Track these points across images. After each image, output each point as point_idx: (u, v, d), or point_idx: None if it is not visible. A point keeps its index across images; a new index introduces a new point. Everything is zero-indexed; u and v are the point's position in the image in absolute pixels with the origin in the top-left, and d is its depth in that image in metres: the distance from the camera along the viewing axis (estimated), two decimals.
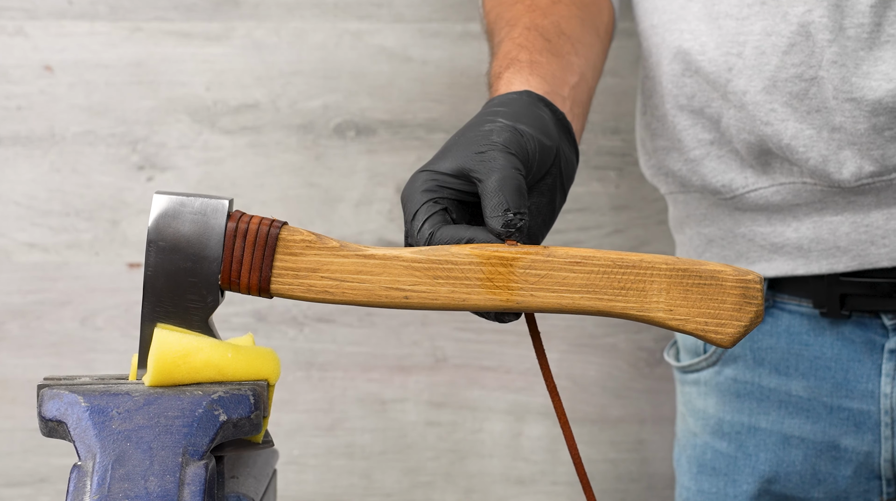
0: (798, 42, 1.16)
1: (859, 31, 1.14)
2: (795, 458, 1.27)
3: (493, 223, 0.93)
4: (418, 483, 1.70)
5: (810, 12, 1.15)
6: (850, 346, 1.24)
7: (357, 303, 0.93)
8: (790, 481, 1.27)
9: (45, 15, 1.64)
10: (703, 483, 1.32)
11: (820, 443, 1.26)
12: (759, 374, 1.29)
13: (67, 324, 1.67)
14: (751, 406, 1.29)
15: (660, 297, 0.92)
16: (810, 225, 1.22)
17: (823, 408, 1.26)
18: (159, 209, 0.92)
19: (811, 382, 1.26)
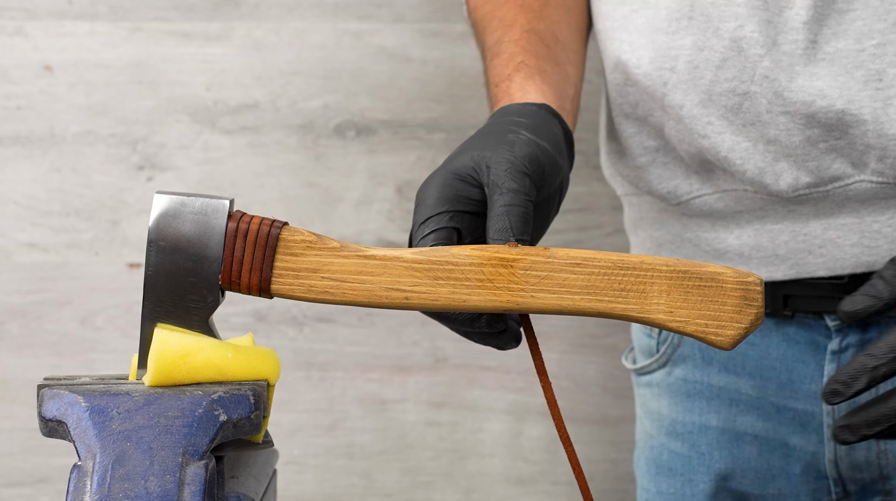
0: (730, 57, 1.17)
1: (794, 47, 1.15)
2: (750, 454, 1.28)
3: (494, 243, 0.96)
4: (418, 483, 1.70)
5: (742, 27, 1.16)
6: (795, 347, 1.25)
7: (357, 304, 0.93)
8: (745, 477, 1.28)
9: (45, 15, 1.64)
10: (662, 483, 1.33)
11: (772, 440, 1.26)
12: (707, 373, 1.29)
13: (67, 324, 1.67)
14: (700, 405, 1.30)
15: (660, 299, 0.92)
16: (751, 233, 1.23)
17: (771, 407, 1.26)
18: (160, 209, 0.92)
19: (758, 381, 1.26)
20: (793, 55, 1.15)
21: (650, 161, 1.26)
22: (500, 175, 0.98)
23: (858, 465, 1.22)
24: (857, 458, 1.22)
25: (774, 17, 1.15)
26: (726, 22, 1.17)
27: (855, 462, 1.22)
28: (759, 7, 1.15)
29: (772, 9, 1.15)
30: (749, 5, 1.16)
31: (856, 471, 1.23)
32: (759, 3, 1.16)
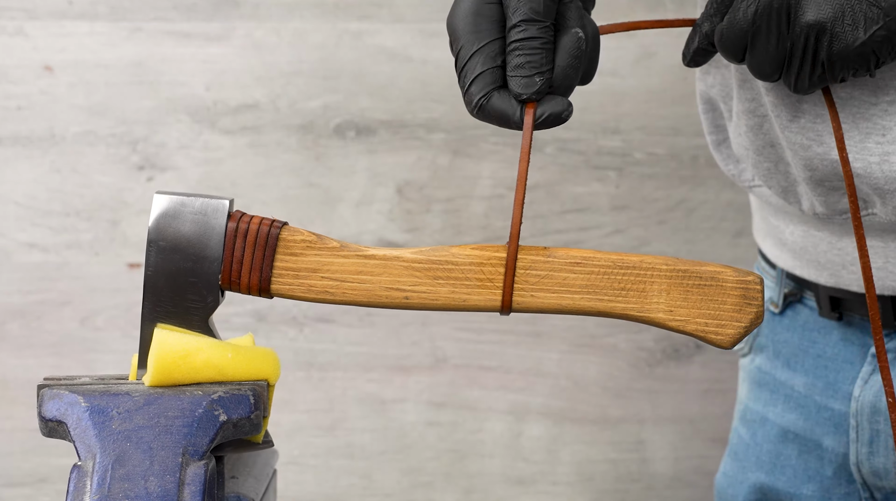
0: (749, 78, 1.15)
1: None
2: (791, 452, 1.28)
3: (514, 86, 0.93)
4: (418, 483, 1.70)
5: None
6: (849, 347, 1.25)
7: (357, 303, 0.93)
8: (784, 475, 1.28)
9: (45, 15, 1.64)
10: (728, 465, 1.34)
11: (809, 441, 1.26)
12: (775, 366, 1.29)
13: (67, 324, 1.67)
14: (765, 397, 1.30)
15: (660, 298, 0.92)
16: (800, 233, 1.23)
17: (814, 406, 1.26)
18: (160, 209, 0.92)
19: (810, 379, 1.26)
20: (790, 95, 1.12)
21: (721, 139, 1.26)
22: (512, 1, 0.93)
23: (877, 472, 1.22)
24: (876, 464, 1.22)
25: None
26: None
27: (874, 467, 1.21)
28: None
29: None
30: None
31: (877, 478, 1.22)
32: None
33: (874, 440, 1.22)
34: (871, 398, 1.21)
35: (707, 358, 1.71)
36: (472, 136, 1.66)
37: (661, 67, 1.65)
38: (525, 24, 0.93)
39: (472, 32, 0.93)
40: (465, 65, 0.94)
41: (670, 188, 1.68)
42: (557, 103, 0.95)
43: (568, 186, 1.67)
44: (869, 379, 1.22)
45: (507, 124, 0.94)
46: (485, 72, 0.94)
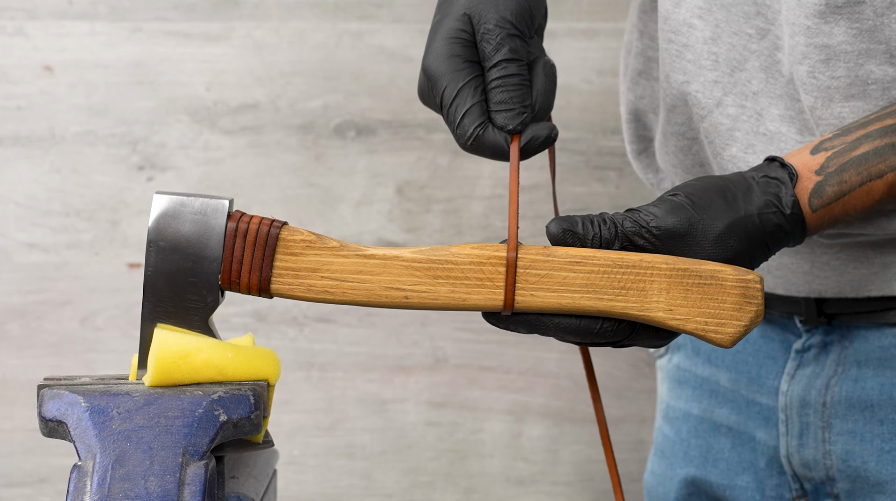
0: (678, 105, 1.19)
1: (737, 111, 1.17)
2: (723, 445, 1.29)
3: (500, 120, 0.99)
4: (418, 483, 1.70)
5: (688, 83, 1.17)
6: (769, 344, 1.26)
7: (357, 303, 0.93)
8: (717, 467, 1.29)
9: (45, 15, 1.64)
10: (655, 464, 1.35)
11: (742, 433, 1.28)
12: (695, 363, 1.31)
13: (67, 324, 1.67)
14: (687, 393, 1.31)
15: (660, 297, 0.92)
16: None
17: (743, 400, 1.27)
18: (159, 209, 0.92)
19: (733, 375, 1.28)
20: (736, 119, 1.16)
21: (640, 149, 1.29)
22: (489, 43, 1.00)
23: (807, 463, 1.23)
24: (806, 456, 1.23)
25: (724, 76, 1.16)
26: (677, 74, 1.18)
27: (804, 459, 1.23)
28: (708, 67, 1.16)
29: (722, 68, 1.16)
30: (697, 63, 1.17)
31: (806, 469, 1.24)
32: (709, 63, 1.16)
33: (804, 432, 1.23)
34: (799, 392, 1.22)
35: None
36: None
37: None
38: (505, 63, 0.99)
39: (452, 72, 0.99)
40: (453, 101, 0.99)
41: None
42: (542, 127, 1.00)
43: (568, 187, 1.67)
44: (795, 374, 1.23)
45: (501, 156, 1.00)
46: (473, 106, 0.99)
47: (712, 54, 1.16)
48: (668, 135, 1.21)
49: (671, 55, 1.18)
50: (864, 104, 1.10)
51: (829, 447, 1.22)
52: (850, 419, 1.20)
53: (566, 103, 1.65)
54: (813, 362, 1.22)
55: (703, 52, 1.16)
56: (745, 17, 1.15)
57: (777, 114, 1.15)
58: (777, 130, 1.15)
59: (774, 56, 1.15)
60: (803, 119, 1.14)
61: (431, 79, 1.00)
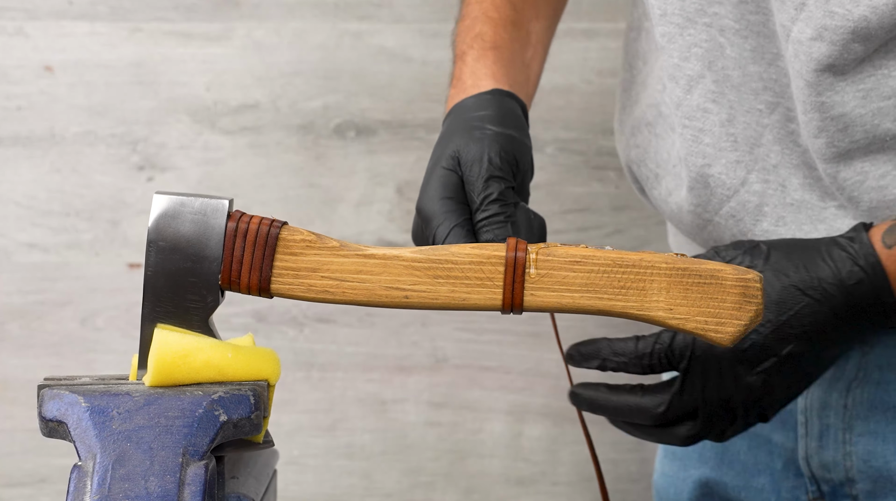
0: (696, 187, 1.22)
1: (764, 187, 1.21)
2: (739, 447, 1.29)
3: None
4: (418, 484, 1.70)
5: (709, 166, 1.20)
6: None
7: (357, 303, 0.93)
8: (733, 469, 1.29)
9: (45, 15, 1.64)
10: (666, 465, 1.35)
11: (759, 435, 1.28)
12: None
13: (67, 324, 1.67)
14: None
15: (660, 296, 0.92)
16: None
17: None
18: (159, 209, 0.92)
19: None
20: (763, 194, 1.19)
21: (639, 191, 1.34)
22: (475, 185, 1.05)
23: (826, 465, 1.23)
24: (826, 457, 1.23)
25: (745, 155, 1.18)
26: (695, 157, 1.20)
27: (823, 461, 1.23)
28: (728, 148, 1.18)
29: (742, 147, 1.18)
30: (716, 146, 1.19)
31: (825, 471, 1.24)
32: (728, 145, 1.18)
33: (824, 434, 1.23)
34: (819, 395, 1.23)
35: None
36: None
37: None
38: (489, 205, 1.04)
39: (444, 213, 1.04)
40: (445, 241, 1.03)
41: None
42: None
43: (568, 187, 1.67)
44: None
45: None
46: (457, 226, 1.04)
47: (730, 135, 1.18)
48: (685, 212, 1.23)
49: (687, 139, 1.19)
50: (885, 156, 1.12)
51: (850, 448, 1.22)
52: (871, 420, 1.21)
53: (566, 103, 1.65)
54: (833, 366, 1.21)
55: (722, 135, 1.18)
56: (754, 93, 1.16)
57: (798, 183, 1.17)
58: (802, 198, 1.17)
59: (787, 127, 1.17)
60: (822, 186, 1.16)
61: (424, 219, 1.05)
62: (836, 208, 1.16)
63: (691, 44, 1.16)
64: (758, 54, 1.16)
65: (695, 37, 1.16)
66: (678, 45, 1.17)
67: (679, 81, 1.17)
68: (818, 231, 1.17)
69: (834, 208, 1.17)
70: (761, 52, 1.15)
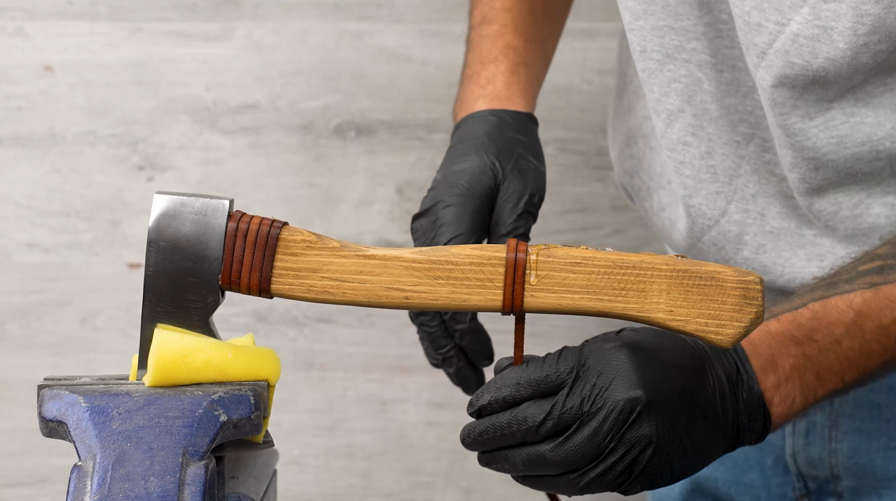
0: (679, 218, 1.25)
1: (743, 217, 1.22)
2: None
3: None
4: (418, 484, 1.70)
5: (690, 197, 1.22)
6: None
7: (357, 303, 0.93)
8: (724, 465, 1.29)
9: (45, 15, 1.64)
10: None
11: None
12: None
13: (67, 324, 1.67)
14: None
15: (660, 298, 0.92)
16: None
17: None
18: (160, 209, 0.92)
19: None
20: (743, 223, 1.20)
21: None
22: (508, 215, 1.11)
23: (812, 462, 1.24)
24: (812, 455, 1.24)
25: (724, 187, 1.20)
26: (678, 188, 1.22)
27: (810, 458, 1.24)
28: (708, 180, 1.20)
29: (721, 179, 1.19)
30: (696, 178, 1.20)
31: (811, 468, 1.24)
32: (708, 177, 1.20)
33: (810, 431, 1.24)
34: None
35: None
36: None
37: None
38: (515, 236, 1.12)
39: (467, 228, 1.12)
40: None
41: None
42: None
43: (568, 187, 1.67)
44: None
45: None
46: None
47: (710, 167, 1.19)
48: (677, 229, 1.25)
49: (670, 170, 1.22)
50: (858, 186, 1.14)
51: (836, 445, 1.22)
52: (857, 418, 1.21)
53: (566, 103, 1.65)
54: None
55: (702, 167, 1.19)
56: (731, 125, 1.18)
57: (776, 211, 1.19)
58: (781, 226, 1.18)
59: (763, 158, 1.19)
60: (800, 214, 1.18)
61: (441, 221, 1.08)
62: (815, 235, 1.18)
63: (671, 79, 1.18)
64: (733, 87, 1.17)
65: (674, 72, 1.18)
66: (658, 81, 1.18)
67: (661, 115, 1.19)
68: (798, 257, 1.18)
69: (812, 236, 1.18)
70: (736, 85, 1.17)
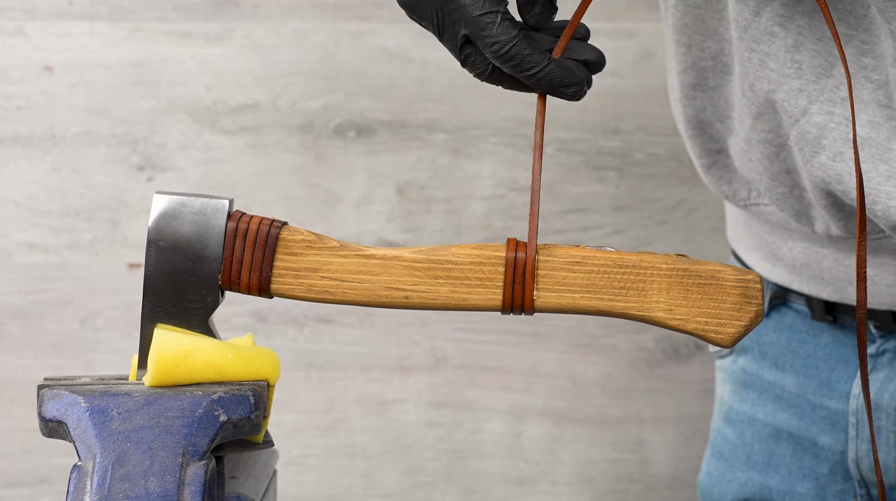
0: (766, 112, 1.16)
1: (824, 119, 1.14)
2: (785, 451, 1.29)
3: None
4: (418, 484, 1.70)
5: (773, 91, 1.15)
6: (841, 348, 1.26)
7: (357, 303, 0.93)
8: (778, 473, 1.29)
9: (45, 15, 1.64)
10: (712, 465, 1.35)
11: (804, 439, 1.28)
12: (762, 367, 1.30)
13: (67, 324, 1.67)
14: (753, 397, 1.31)
15: (660, 297, 0.92)
16: (801, 250, 1.23)
17: (808, 405, 1.27)
18: (159, 209, 0.92)
19: (801, 379, 1.27)
20: (824, 127, 1.13)
21: (711, 163, 1.26)
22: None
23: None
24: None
25: (809, 84, 1.14)
26: (762, 83, 1.16)
27: (874, 464, 1.23)
28: (792, 76, 1.14)
29: (806, 75, 1.14)
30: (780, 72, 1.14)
31: (874, 474, 1.23)
32: (792, 72, 1.14)
33: (875, 436, 1.23)
34: (871, 396, 1.22)
35: (707, 358, 1.71)
36: (472, 136, 1.66)
37: (661, 67, 1.65)
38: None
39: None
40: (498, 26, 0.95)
41: (670, 188, 1.68)
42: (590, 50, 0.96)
43: (568, 187, 1.67)
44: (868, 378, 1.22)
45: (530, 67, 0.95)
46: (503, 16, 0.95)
47: (795, 62, 1.13)
48: (754, 142, 1.18)
49: (754, 64, 1.15)
50: None
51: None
52: None
53: (566, 103, 1.65)
54: (886, 366, 1.21)
55: (786, 61, 1.13)
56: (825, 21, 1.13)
57: (866, 119, 1.12)
58: (867, 135, 1.12)
59: (860, 61, 1.13)
60: (892, 126, 1.11)
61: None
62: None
63: None
64: None
65: None
66: None
67: (748, 3, 1.13)
68: (878, 172, 1.12)
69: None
70: None
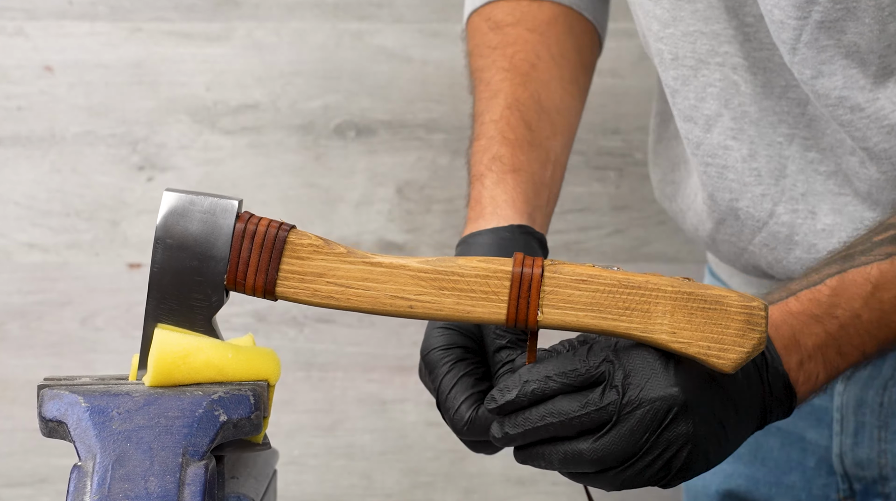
0: (727, 219, 1.22)
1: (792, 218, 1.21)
2: (772, 445, 1.30)
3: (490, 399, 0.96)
4: (418, 484, 1.70)
5: (736, 201, 1.20)
6: None
7: (361, 310, 0.93)
8: (765, 466, 1.29)
9: (45, 15, 1.64)
10: None
11: (791, 433, 1.29)
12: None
13: (67, 324, 1.67)
14: None
15: (664, 319, 0.91)
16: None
17: None
18: (168, 207, 0.92)
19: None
20: (792, 225, 1.19)
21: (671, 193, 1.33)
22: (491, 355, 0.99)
23: (861, 462, 1.24)
24: (860, 455, 1.24)
25: (770, 188, 1.19)
26: (722, 193, 1.21)
27: (858, 459, 1.24)
28: (753, 183, 1.19)
29: (766, 180, 1.19)
30: (740, 181, 1.19)
31: (859, 469, 1.24)
32: (752, 180, 1.19)
33: (859, 431, 1.24)
34: (856, 392, 1.23)
35: None
36: None
37: None
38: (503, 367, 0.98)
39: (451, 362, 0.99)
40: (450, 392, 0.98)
41: None
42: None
43: (568, 187, 1.67)
44: (852, 376, 1.24)
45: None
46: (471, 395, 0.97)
47: (753, 170, 1.18)
48: (720, 242, 1.23)
49: (712, 177, 1.20)
50: None
51: (885, 445, 1.23)
52: None
53: None
54: (871, 365, 1.22)
55: (745, 171, 1.18)
56: (772, 126, 1.17)
57: (828, 208, 1.17)
58: (833, 222, 1.17)
59: (806, 157, 1.17)
60: (849, 211, 1.16)
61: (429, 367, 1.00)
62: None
63: (706, 84, 1.17)
64: (768, 89, 1.16)
65: (709, 77, 1.17)
66: (693, 87, 1.17)
67: (697, 122, 1.18)
68: None
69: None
70: (770, 86, 1.16)
